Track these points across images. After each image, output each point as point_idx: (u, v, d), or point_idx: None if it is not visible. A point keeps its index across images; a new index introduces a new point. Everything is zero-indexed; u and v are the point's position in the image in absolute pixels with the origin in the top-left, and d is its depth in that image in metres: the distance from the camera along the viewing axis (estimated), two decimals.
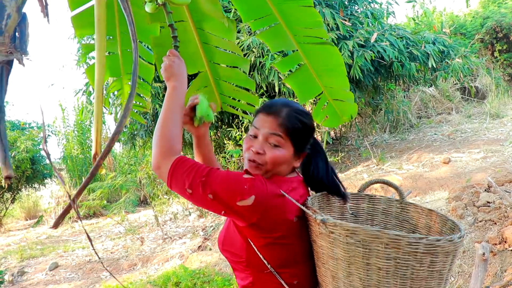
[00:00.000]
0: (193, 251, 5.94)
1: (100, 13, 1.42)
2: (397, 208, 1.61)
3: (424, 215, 1.52)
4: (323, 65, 2.20)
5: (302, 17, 2.03)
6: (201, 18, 2.03)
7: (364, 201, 1.65)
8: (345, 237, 1.16)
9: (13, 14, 1.07)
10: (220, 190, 1.26)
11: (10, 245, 8.74)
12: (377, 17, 7.92)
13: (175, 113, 1.42)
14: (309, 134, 1.46)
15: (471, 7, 14.60)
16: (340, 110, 2.36)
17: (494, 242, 3.62)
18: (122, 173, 8.44)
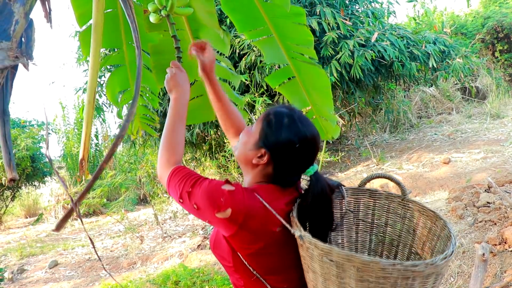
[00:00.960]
0: (193, 250, 5.94)
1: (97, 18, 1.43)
2: (398, 204, 1.57)
3: (426, 215, 1.49)
4: (311, 83, 2.26)
5: (294, 34, 2.09)
6: (198, 28, 2.07)
7: (365, 196, 1.61)
8: (320, 255, 1.16)
9: (20, 20, 1.10)
10: (201, 201, 1.27)
11: (10, 242, 8.75)
12: (378, 16, 7.91)
13: (178, 124, 1.46)
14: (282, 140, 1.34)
15: (472, 7, 14.61)
16: (325, 128, 2.43)
17: (494, 242, 3.62)
18: (122, 171, 8.43)
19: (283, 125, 1.34)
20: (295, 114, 1.38)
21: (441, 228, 1.41)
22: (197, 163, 9.47)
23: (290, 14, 1.97)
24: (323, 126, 2.40)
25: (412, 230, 1.53)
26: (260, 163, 1.37)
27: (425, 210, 1.49)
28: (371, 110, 9.53)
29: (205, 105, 2.31)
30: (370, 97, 8.51)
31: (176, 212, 8.35)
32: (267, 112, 1.42)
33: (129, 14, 1.35)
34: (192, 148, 9.03)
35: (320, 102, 2.30)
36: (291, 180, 1.40)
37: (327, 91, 2.25)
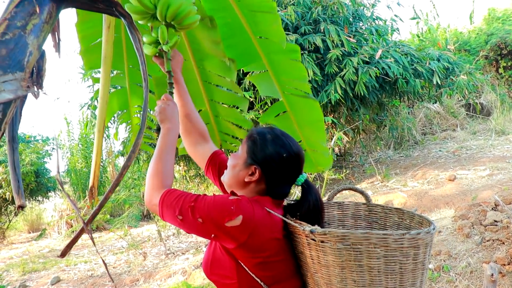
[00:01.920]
0: (196, 268, 5.89)
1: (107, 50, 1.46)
2: (365, 211, 1.71)
3: (392, 214, 1.64)
4: (304, 117, 2.32)
5: (289, 69, 2.14)
6: (202, 57, 2.13)
7: (334, 209, 1.74)
8: (335, 244, 1.22)
9: (34, 51, 1.13)
10: (209, 213, 1.30)
11: (12, 258, 8.71)
12: (381, 33, 7.95)
13: (168, 154, 1.49)
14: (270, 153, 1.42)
15: (475, 24, 14.66)
16: (315, 160, 2.48)
17: (502, 262, 3.57)
18: (125, 187, 8.42)
19: (268, 140, 1.44)
20: (276, 130, 1.48)
21: (410, 219, 1.56)
22: (201, 179, 9.45)
23: (285, 50, 2.03)
24: (313, 158, 2.46)
25: (382, 230, 1.65)
26: (252, 180, 1.43)
27: (389, 209, 1.65)
28: (375, 126, 9.53)
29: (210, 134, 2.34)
30: (374, 113, 8.51)
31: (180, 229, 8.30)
32: (249, 133, 1.51)
33: (137, 48, 1.38)
34: (195, 165, 9.01)
35: (312, 136, 2.36)
36: (284, 192, 1.47)
37: (320, 124, 2.32)
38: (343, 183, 8.23)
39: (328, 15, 7.21)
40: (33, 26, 1.13)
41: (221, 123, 2.33)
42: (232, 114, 2.32)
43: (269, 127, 1.52)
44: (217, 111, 2.29)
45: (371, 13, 8.46)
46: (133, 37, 1.39)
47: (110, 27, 1.50)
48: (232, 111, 2.32)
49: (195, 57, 2.10)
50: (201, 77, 2.18)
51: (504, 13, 13.99)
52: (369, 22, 8.28)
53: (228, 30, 2.03)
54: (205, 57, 2.10)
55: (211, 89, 2.23)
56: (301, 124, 2.31)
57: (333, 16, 7.40)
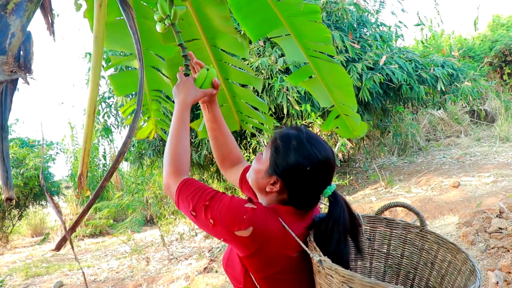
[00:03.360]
0: (199, 273, 5.87)
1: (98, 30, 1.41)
2: (416, 235, 1.52)
3: (445, 247, 1.44)
4: (333, 81, 2.18)
5: (311, 32, 2.02)
6: (214, 35, 2.03)
7: (381, 225, 1.56)
8: (340, 283, 1.12)
9: (17, 33, 1.07)
10: (220, 217, 1.24)
11: (15, 262, 8.71)
12: (386, 40, 7.95)
13: (182, 131, 1.44)
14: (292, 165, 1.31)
15: (479, 30, 14.65)
16: (351, 126, 2.35)
17: (507, 270, 3.54)
18: (129, 192, 8.44)
19: (291, 148, 1.31)
20: (303, 135, 1.34)
21: (462, 262, 1.36)
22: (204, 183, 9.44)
23: (305, 11, 1.92)
24: (349, 124, 2.33)
25: (430, 263, 1.48)
26: (274, 190, 1.34)
27: (445, 243, 1.44)
28: (379, 133, 9.51)
29: (228, 114, 2.29)
30: (378, 120, 8.49)
31: (183, 233, 8.30)
32: (274, 136, 1.39)
33: (131, 25, 1.33)
34: (199, 170, 9.01)
35: (344, 100, 2.22)
36: (309, 203, 1.35)
37: (349, 89, 2.18)
38: (347, 189, 8.21)
39: (333, 21, 7.22)
40: (15, 5, 1.06)
41: (238, 103, 2.24)
42: (248, 95, 2.23)
43: (297, 128, 1.38)
44: (234, 91, 2.21)
45: (376, 19, 8.47)
46: (126, 14, 1.34)
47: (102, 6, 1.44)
48: (247, 91, 2.23)
49: (207, 35, 2.04)
50: (214, 56, 2.12)
51: (509, 20, 13.98)
52: (374, 28, 8.29)
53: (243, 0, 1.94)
54: (216, 35, 2.04)
55: (225, 68, 2.16)
56: (331, 88, 2.20)
57: (337, 22, 7.40)
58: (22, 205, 11.07)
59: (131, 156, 8.47)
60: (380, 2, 8.55)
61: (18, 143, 11.37)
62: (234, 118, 2.30)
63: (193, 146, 7.47)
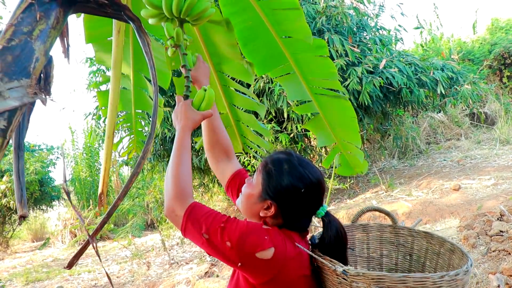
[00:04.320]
0: (200, 277, 5.86)
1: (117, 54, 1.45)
2: (390, 233, 1.61)
3: (419, 237, 1.53)
4: (336, 118, 2.20)
5: (317, 68, 2.02)
6: (220, 61, 2.05)
7: (358, 231, 1.64)
8: (370, 286, 1.14)
9: (41, 57, 1.11)
10: (240, 238, 1.20)
11: (16, 267, 8.70)
12: (385, 43, 7.97)
13: (184, 154, 1.41)
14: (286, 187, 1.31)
15: (478, 34, 14.68)
16: (352, 162, 2.38)
17: (509, 273, 3.54)
18: (129, 197, 8.42)
19: (284, 172, 1.32)
20: (294, 158, 1.36)
21: (440, 245, 1.45)
22: (205, 189, 9.45)
23: (311, 47, 1.93)
24: (350, 161, 2.35)
25: (408, 255, 1.57)
26: (268, 215, 1.33)
27: (417, 233, 1.54)
28: (379, 136, 9.52)
29: (232, 137, 2.30)
30: (379, 123, 8.50)
31: (184, 238, 8.28)
32: (264, 161, 1.40)
33: (146, 52, 1.35)
34: (200, 174, 9.01)
35: (346, 137, 2.24)
36: (303, 226, 1.37)
37: (353, 124, 2.19)
38: (348, 193, 8.21)
39: (332, 25, 7.24)
40: (40, 31, 1.11)
41: (242, 127, 2.26)
42: (251, 120, 2.24)
43: (286, 152, 1.40)
44: (238, 116, 2.22)
45: (375, 23, 8.48)
46: (142, 41, 1.36)
47: (120, 32, 1.47)
48: (251, 117, 2.24)
49: (213, 60, 2.05)
50: (220, 81, 2.13)
51: (507, 23, 14.01)
52: (373, 32, 8.30)
53: (250, 34, 1.95)
54: (223, 61, 2.05)
55: (230, 93, 2.17)
56: (334, 125, 2.21)
57: (337, 26, 7.42)
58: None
59: (131, 161, 8.47)
60: (380, 6, 8.57)
61: None
62: (237, 141, 2.34)
63: (194, 150, 7.47)
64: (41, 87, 1.11)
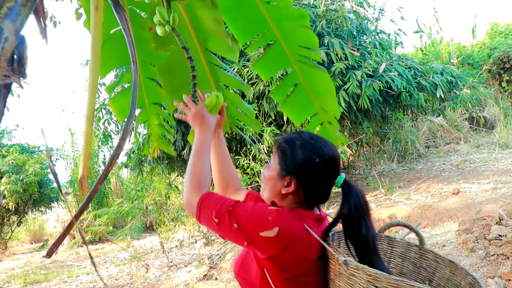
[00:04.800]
0: (199, 280, 5.86)
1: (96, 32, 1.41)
2: (415, 253, 1.58)
3: (444, 265, 1.49)
4: (318, 88, 2.18)
5: (299, 37, 2.02)
6: (206, 38, 2.03)
7: (384, 243, 1.62)
8: (366, 282, 1.13)
9: (10, 37, 1.07)
10: (245, 220, 1.28)
11: (14, 269, 8.69)
12: (385, 47, 7.99)
13: (204, 153, 1.50)
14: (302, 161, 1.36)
15: (478, 38, 14.71)
16: (333, 134, 2.33)
17: (507, 277, 3.54)
18: (129, 199, 8.43)
19: (297, 147, 1.37)
20: (304, 134, 1.42)
21: (462, 277, 1.40)
22: None
23: (294, 16, 1.94)
24: (331, 132, 2.31)
25: (428, 280, 1.53)
26: (289, 191, 1.38)
27: (443, 260, 1.50)
28: (379, 140, 9.53)
29: None
30: (378, 127, 8.51)
31: (183, 240, 8.28)
32: (278, 142, 1.46)
33: (124, 28, 1.33)
34: None
35: (327, 107, 2.23)
36: (323, 196, 1.41)
37: (332, 96, 2.19)
38: None
39: (332, 29, 7.26)
40: (8, 9, 1.06)
41: (229, 107, 2.20)
42: (236, 100, 2.21)
43: (296, 132, 1.45)
44: (225, 95, 2.16)
45: (375, 27, 8.50)
46: (120, 17, 1.34)
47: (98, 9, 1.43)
48: (236, 96, 2.22)
49: (198, 37, 2.03)
50: (205, 58, 2.11)
51: (507, 27, 14.05)
52: (373, 35, 8.32)
53: (232, 1, 1.95)
54: (208, 38, 2.03)
55: (216, 71, 2.15)
56: (316, 94, 2.19)
57: (337, 30, 7.44)
58: (21, 211, 11.06)
59: (131, 163, 8.47)
60: (380, 10, 8.59)
61: (18, 149, 11.38)
62: (225, 121, 2.31)
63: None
64: (14, 69, 1.08)
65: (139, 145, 8.16)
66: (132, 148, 8.45)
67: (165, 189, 8.40)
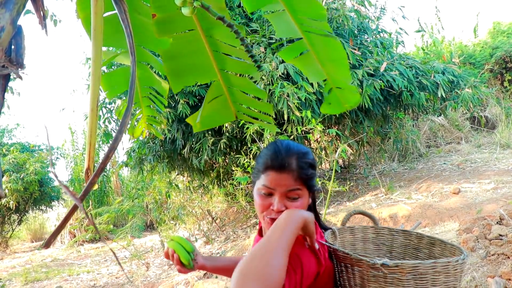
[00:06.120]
0: (199, 279, 5.86)
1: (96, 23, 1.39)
2: (373, 234, 1.76)
3: (398, 235, 1.71)
4: (326, 55, 2.13)
5: (306, 8, 1.97)
6: (209, 26, 2.01)
7: (347, 233, 1.76)
8: (404, 274, 1.24)
9: (7, 27, 1.05)
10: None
11: (15, 267, 8.71)
12: (386, 46, 7.97)
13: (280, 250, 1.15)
14: (314, 170, 1.42)
15: (480, 37, 14.68)
16: (343, 98, 2.28)
17: (507, 277, 3.54)
18: (129, 197, 8.43)
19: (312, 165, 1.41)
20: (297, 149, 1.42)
21: (418, 240, 1.64)
22: (204, 190, 9.45)
23: None
24: (340, 96, 2.26)
25: (389, 252, 1.72)
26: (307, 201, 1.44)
27: (396, 231, 1.72)
28: (379, 139, 9.51)
29: (224, 105, 2.27)
30: (379, 126, 8.50)
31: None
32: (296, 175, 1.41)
33: (123, 19, 1.30)
34: (199, 175, 9.01)
35: (336, 73, 2.17)
36: None
37: (344, 62, 2.11)
38: (347, 196, 8.20)
39: (333, 28, 7.25)
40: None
41: (235, 93, 2.20)
42: (245, 83, 2.20)
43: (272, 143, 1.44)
44: (230, 82, 2.17)
45: (376, 26, 8.49)
46: (118, 7, 1.31)
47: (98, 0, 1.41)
48: (245, 80, 2.20)
49: (202, 25, 2.00)
50: (210, 46, 2.07)
51: (509, 26, 14.01)
52: (374, 34, 8.31)
53: None
54: (212, 25, 2.00)
55: (221, 58, 2.12)
56: (324, 62, 2.14)
57: (338, 29, 7.43)
58: (22, 210, 11.08)
59: (131, 162, 8.47)
60: (381, 8, 8.57)
61: (18, 148, 11.39)
62: (230, 109, 2.27)
63: (194, 151, 7.47)
64: (12, 59, 1.06)
65: (140, 144, 8.17)
66: (133, 147, 8.45)
67: (166, 188, 8.39)
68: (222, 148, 7.10)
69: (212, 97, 2.18)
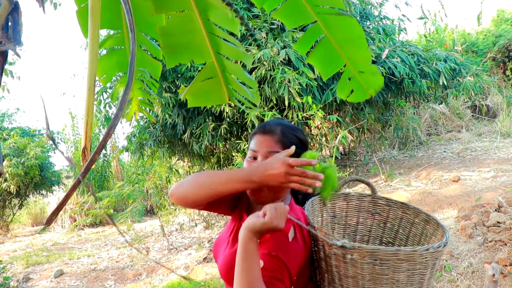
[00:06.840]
0: (199, 263, 5.91)
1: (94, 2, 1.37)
2: (369, 203, 1.71)
3: (396, 207, 1.66)
4: (344, 36, 2.08)
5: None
6: (205, 8, 1.99)
7: (340, 199, 1.73)
8: (362, 257, 1.22)
9: (3, 2, 1.02)
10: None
11: (16, 251, 8.77)
12: (388, 33, 7.92)
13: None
14: (304, 148, 1.44)
15: (483, 25, 14.57)
16: (366, 83, 2.22)
17: (504, 263, 3.56)
18: (129, 182, 8.45)
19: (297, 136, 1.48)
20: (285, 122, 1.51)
21: (414, 215, 1.59)
22: None
23: None
24: (363, 82, 2.20)
25: (383, 223, 1.69)
26: None
27: (394, 203, 1.67)
28: (380, 126, 9.50)
29: (217, 87, 2.27)
30: (380, 113, 8.48)
31: (183, 224, 8.33)
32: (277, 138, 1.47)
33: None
34: (200, 161, 9.03)
35: (356, 55, 2.12)
36: None
37: (362, 41, 2.06)
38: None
39: None
40: None
41: (228, 77, 2.20)
42: (237, 70, 2.18)
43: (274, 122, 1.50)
44: (224, 65, 2.16)
45: (379, 12, 8.43)
46: None
47: None
48: (237, 66, 2.19)
49: (199, 6, 1.97)
50: (206, 28, 2.05)
51: None
52: (377, 21, 8.25)
53: None
54: (208, 8, 1.97)
55: (216, 41, 2.11)
56: (343, 45, 2.09)
57: None
58: (22, 194, 11.12)
59: (132, 146, 8.48)
60: None
61: (19, 133, 11.40)
62: (223, 91, 2.27)
63: (194, 136, 7.48)
64: (9, 35, 1.04)
65: (140, 129, 8.16)
66: (133, 132, 8.45)
67: (166, 173, 8.41)
68: (222, 133, 7.10)
69: (206, 77, 2.18)
